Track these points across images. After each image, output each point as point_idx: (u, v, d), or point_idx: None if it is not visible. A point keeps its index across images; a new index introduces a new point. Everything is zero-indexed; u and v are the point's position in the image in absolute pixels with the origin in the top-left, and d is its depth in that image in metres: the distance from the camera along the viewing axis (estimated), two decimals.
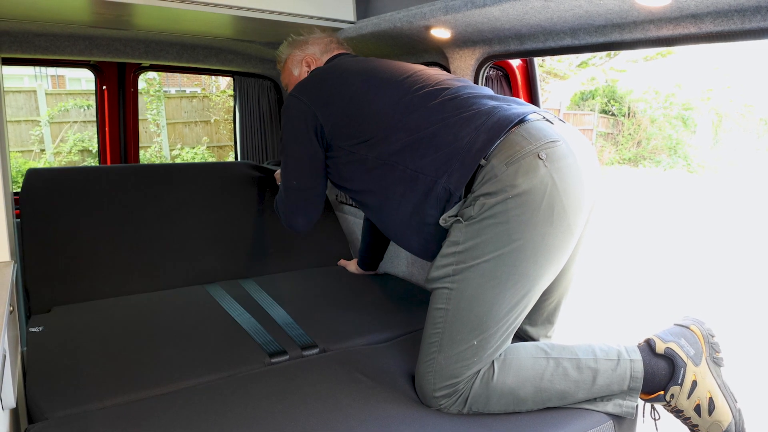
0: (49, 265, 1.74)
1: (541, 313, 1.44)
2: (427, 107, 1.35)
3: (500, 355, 1.24)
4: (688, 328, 1.29)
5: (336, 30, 1.93)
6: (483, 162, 1.21)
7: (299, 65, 1.76)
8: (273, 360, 1.42)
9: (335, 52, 1.73)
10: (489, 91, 1.42)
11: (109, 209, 1.94)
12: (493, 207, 1.17)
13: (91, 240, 1.85)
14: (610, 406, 1.23)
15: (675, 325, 1.31)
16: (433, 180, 1.27)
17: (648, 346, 1.27)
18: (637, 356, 1.25)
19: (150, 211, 1.98)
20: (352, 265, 2.18)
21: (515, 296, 1.20)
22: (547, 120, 1.28)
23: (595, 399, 1.25)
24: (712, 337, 1.28)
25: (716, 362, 1.26)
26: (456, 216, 1.23)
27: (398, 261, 2.18)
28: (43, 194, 1.91)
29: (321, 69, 1.60)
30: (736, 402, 1.24)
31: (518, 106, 1.32)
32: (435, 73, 1.49)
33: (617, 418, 1.24)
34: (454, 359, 1.21)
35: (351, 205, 2.45)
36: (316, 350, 1.49)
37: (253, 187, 2.15)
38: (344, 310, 1.74)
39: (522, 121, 1.24)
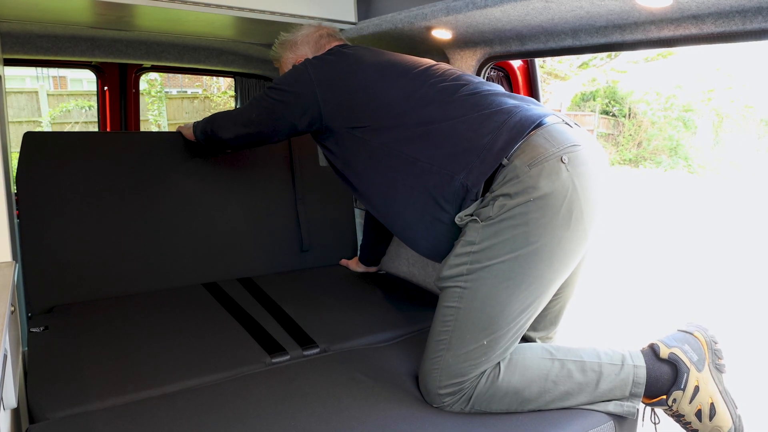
0: (49, 261, 1.73)
1: (546, 315, 1.45)
2: (445, 101, 1.33)
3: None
4: (692, 334, 1.30)
5: None
6: (505, 162, 1.20)
7: None
8: (274, 360, 1.42)
9: (331, 45, 1.66)
10: (502, 89, 1.41)
11: (111, 186, 1.83)
12: (513, 209, 1.17)
13: (92, 229, 1.78)
14: (612, 406, 1.23)
15: (679, 330, 1.32)
16: (449, 175, 1.25)
17: (652, 351, 1.28)
18: (641, 362, 1.25)
19: (151, 203, 1.90)
20: (353, 264, 2.19)
21: (528, 298, 1.21)
22: (566, 123, 1.28)
23: None
24: (716, 343, 1.29)
25: (718, 368, 1.27)
26: (472, 215, 1.23)
27: (398, 261, 2.18)
28: (43, 160, 1.76)
29: (340, 53, 1.55)
30: (737, 408, 1.25)
31: (536, 107, 1.31)
32: (450, 68, 1.47)
33: (618, 418, 1.24)
34: (462, 358, 1.21)
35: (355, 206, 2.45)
36: (316, 350, 1.49)
37: (256, 185, 2.12)
38: (345, 310, 1.74)
39: (541, 123, 1.24)
